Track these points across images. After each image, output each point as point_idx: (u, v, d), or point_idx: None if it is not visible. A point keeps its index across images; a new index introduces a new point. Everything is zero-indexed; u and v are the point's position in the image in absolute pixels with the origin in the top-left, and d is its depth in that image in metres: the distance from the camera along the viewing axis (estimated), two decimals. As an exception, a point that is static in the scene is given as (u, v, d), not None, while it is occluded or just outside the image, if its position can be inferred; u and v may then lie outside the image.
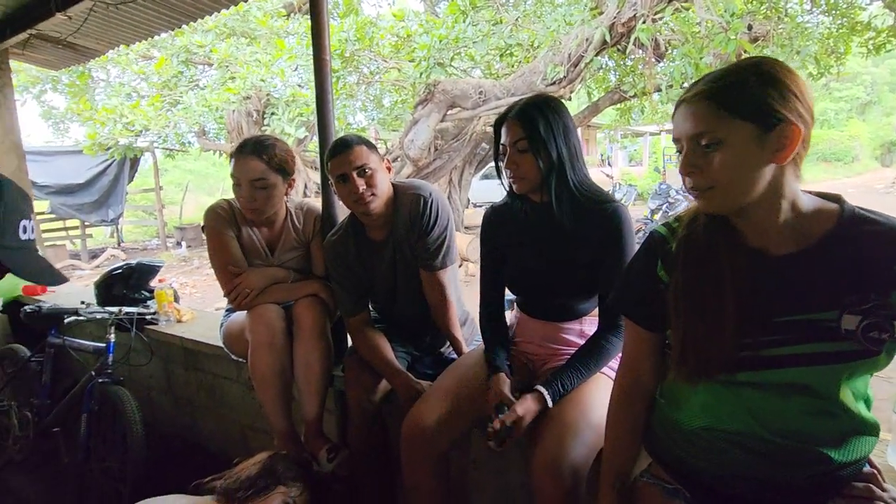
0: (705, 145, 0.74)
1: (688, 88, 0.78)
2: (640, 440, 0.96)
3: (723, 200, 0.76)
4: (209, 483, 1.23)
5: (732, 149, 0.72)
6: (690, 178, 0.77)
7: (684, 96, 0.77)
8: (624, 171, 17.76)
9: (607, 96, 7.60)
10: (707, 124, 0.73)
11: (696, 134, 0.74)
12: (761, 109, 0.71)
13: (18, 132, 3.10)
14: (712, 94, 0.73)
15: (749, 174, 0.73)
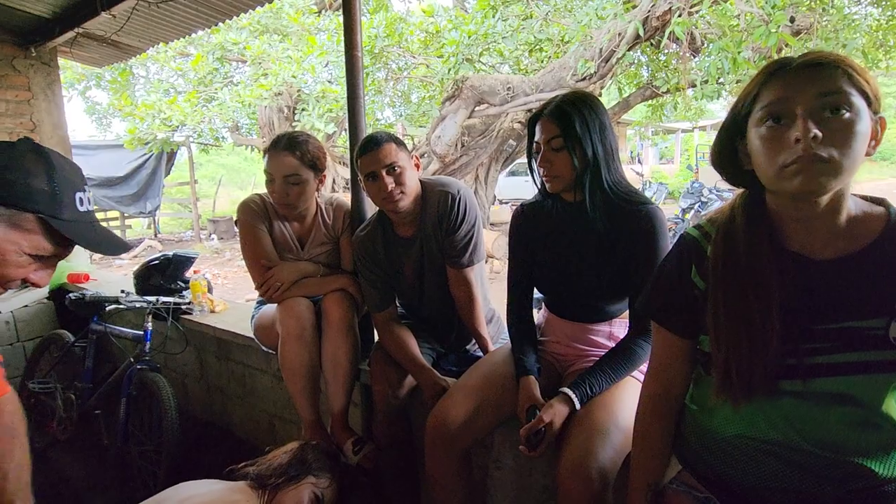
0: (834, 109, 0.66)
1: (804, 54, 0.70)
2: (671, 447, 0.94)
3: (837, 176, 0.67)
4: (242, 469, 1.27)
5: (861, 120, 0.66)
6: (815, 141, 0.65)
7: (801, 59, 0.69)
8: (654, 168, 17.35)
9: (639, 92, 7.42)
10: (841, 85, 0.67)
11: (828, 92, 0.66)
12: (873, 93, 0.68)
13: (66, 127, 3.24)
14: (841, 63, 0.67)
15: (861, 155, 0.68)
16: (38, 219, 0.79)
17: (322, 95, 6.11)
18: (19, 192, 0.78)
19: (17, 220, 0.79)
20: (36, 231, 0.80)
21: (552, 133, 1.13)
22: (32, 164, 0.80)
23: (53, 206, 0.80)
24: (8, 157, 0.78)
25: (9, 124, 3.00)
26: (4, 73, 2.96)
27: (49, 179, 0.80)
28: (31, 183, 0.79)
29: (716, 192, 7.72)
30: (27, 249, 0.80)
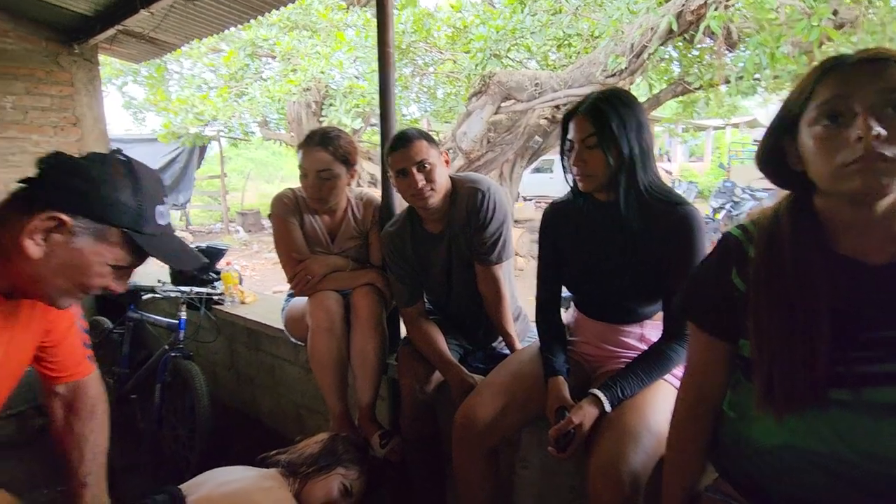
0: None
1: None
2: (706, 453, 0.92)
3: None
4: (274, 456, 1.30)
5: None
6: (878, 139, 0.62)
7: (861, 55, 0.66)
8: (683, 166, 16.95)
9: (669, 88, 7.24)
10: None
11: (891, 88, 0.64)
12: None
13: (105, 121, 3.36)
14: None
15: None
16: (122, 233, 0.82)
17: (349, 91, 6.16)
18: (108, 207, 0.80)
19: (104, 233, 0.81)
20: (119, 244, 0.83)
21: (587, 131, 1.11)
22: (121, 179, 0.82)
23: (137, 221, 0.82)
24: (101, 170, 0.81)
25: (53, 118, 3.12)
26: (50, 70, 3.08)
27: (134, 194, 0.82)
28: (119, 198, 0.81)
29: (748, 191, 7.50)
30: (109, 261, 0.83)
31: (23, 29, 2.95)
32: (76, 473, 1.06)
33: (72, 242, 0.79)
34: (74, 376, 1.07)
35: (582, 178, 1.15)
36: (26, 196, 0.79)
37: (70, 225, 0.78)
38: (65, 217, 0.77)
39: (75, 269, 0.81)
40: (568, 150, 1.17)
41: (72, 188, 0.78)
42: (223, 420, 2.51)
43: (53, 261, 0.79)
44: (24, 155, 3.05)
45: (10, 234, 0.77)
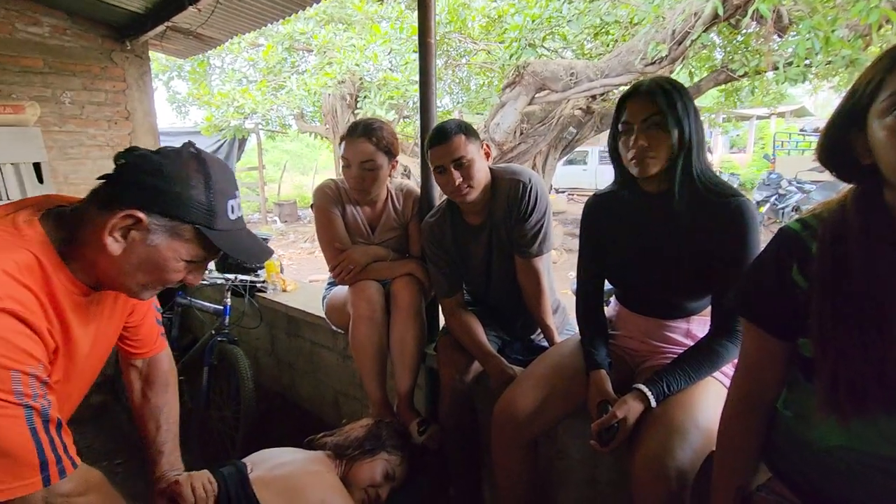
0: None
1: None
2: (759, 453, 0.89)
3: None
4: (321, 439, 1.34)
5: None
6: None
7: None
8: (724, 158, 16.30)
9: (711, 76, 6.95)
10: None
11: None
12: None
13: (155, 115, 3.50)
14: None
15: None
16: (195, 229, 0.83)
17: (383, 83, 6.20)
18: (181, 204, 0.81)
19: (178, 230, 0.83)
20: (192, 240, 0.84)
21: (651, 110, 1.07)
22: (194, 175, 0.83)
23: (209, 218, 0.84)
24: (174, 167, 0.82)
25: (107, 112, 3.28)
26: (104, 66, 3.23)
27: (207, 190, 0.83)
28: (192, 195, 0.82)
29: (795, 183, 7.16)
30: (184, 256, 0.85)
31: (80, 27, 3.11)
32: (153, 441, 1.14)
33: (148, 239, 0.81)
34: (151, 352, 1.15)
35: (640, 161, 1.10)
36: (106, 193, 0.81)
37: (146, 222, 0.80)
38: (141, 215, 0.79)
39: (153, 265, 0.83)
40: (623, 133, 1.13)
41: (147, 186, 0.80)
42: (265, 403, 2.61)
43: (132, 257, 0.81)
44: (82, 148, 3.22)
45: (93, 231, 0.80)
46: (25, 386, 0.71)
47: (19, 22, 2.89)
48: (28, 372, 0.72)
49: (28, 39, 2.93)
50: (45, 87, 3.02)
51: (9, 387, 0.70)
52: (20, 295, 0.74)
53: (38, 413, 0.73)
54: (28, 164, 2.69)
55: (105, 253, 0.79)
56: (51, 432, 0.74)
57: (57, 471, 0.74)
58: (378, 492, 1.23)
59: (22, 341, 0.72)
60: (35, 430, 0.72)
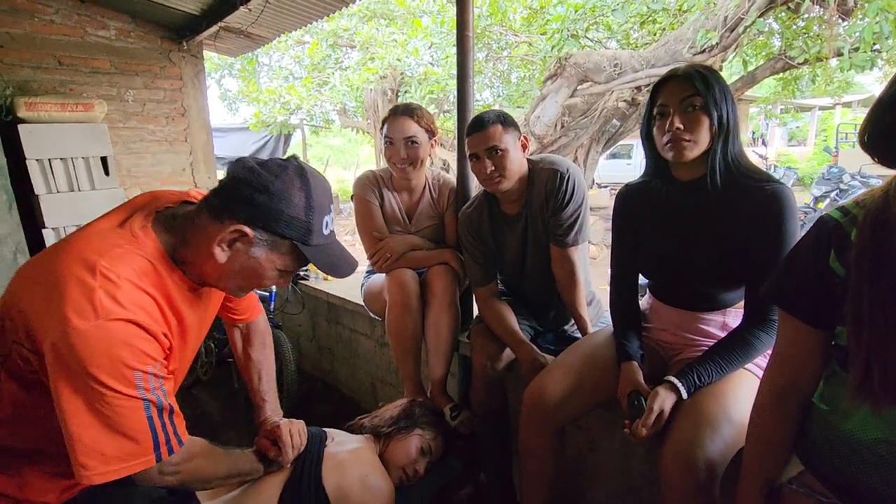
0: None
1: None
2: (791, 445, 0.88)
3: None
4: (358, 422, 1.41)
5: None
6: None
7: None
8: (780, 151, 15.41)
9: (768, 64, 6.59)
10: None
11: None
12: None
13: (208, 112, 3.70)
14: None
15: None
16: (292, 244, 0.91)
17: (424, 78, 6.26)
18: (283, 222, 0.88)
19: (277, 245, 0.90)
20: (288, 254, 0.92)
21: (689, 92, 1.06)
22: (297, 194, 0.89)
23: (305, 235, 0.91)
24: (280, 184, 0.87)
25: (166, 109, 3.50)
26: (163, 65, 3.44)
27: (306, 210, 0.89)
28: (293, 214, 0.88)
29: (860, 177, 6.70)
30: (279, 267, 0.93)
31: (142, 29, 3.32)
32: (258, 391, 1.31)
33: (250, 251, 0.90)
34: (251, 317, 1.31)
35: (676, 146, 1.08)
36: (218, 204, 0.89)
37: (251, 237, 0.88)
38: (247, 230, 0.87)
39: (251, 273, 0.92)
40: (658, 116, 1.12)
41: (254, 203, 0.86)
42: (306, 385, 2.73)
43: (235, 265, 0.91)
44: (142, 143, 3.45)
45: (204, 240, 0.89)
46: (145, 382, 0.83)
47: (89, 26, 3.13)
48: (147, 371, 0.83)
49: (97, 42, 3.16)
50: (111, 87, 3.25)
51: (132, 382, 0.82)
52: (143, 302, 0.84)
53: (154, 404, 0.85)
54: (96, 158, 2.92)
55: (212, 259, 0.89)
56: (164, 418, 0.87)
57: (167, 449, 0.87)
58: (415, 467, 1.29)
59: (143, 345, 0.83)
60: (151, 418, 0.84)
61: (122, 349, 0.80)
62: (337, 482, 1.14)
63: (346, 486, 1.14)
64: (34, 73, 2.96)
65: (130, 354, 0.81)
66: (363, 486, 1.15)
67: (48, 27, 2.99)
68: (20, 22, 2.89)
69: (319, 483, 1.13)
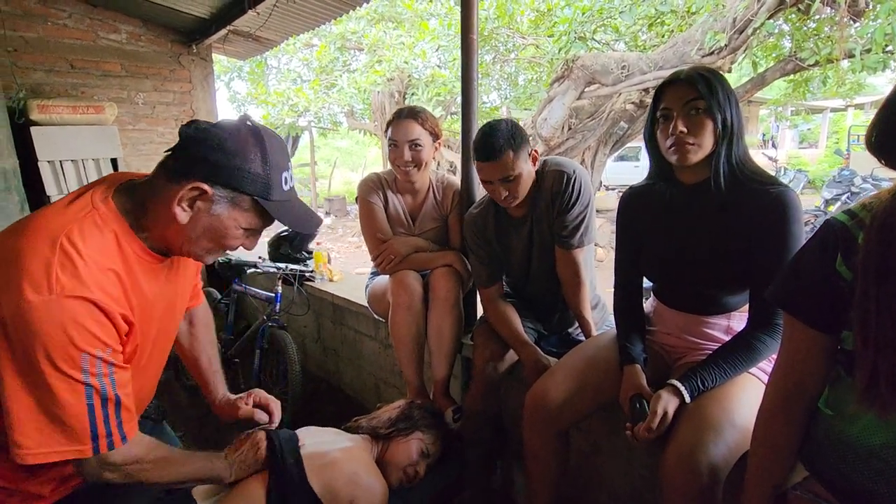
0: None
1: None
2: (797, 450, 0.87)
3: None
4: (355, 422, 1.40)
5: None
6: None
7: None
8: (791, 153, 15.27)
9: (778, 66, 6.53)
10: None
11: None
12: None
13: (217, 114, 3.74)
14: None
15: None
16: (253, 200, 0.90)
17: (431, 80, 6.28)
18: (241, 177, 0.88)
19: (237, 201, 0.90)
20: (250, 210, 0.91)
21: (692, 95, 1.05)
22: (252, 149, 0.89)
23: (265, 190, 0.90)
24: (234, 142, 0.88)
25: (175, 112, 3.54)
26: (173, 69, 3.48)
27: (263, 164, 0.89)
28: (251, 168, 0.88)
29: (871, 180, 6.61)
30: (243, 224, 0.92)
31: (153, 33, 3.37)
32: (206, 370, 1.32)
33: (212, 209, 0.89)
34: (196, 303, 1.31)
35: (680, 149, 1.07)
36: (173, 167, 0.88)
37: (210, 194, 0.87)
38: (206, 187, 0.86)
39: (215, 232, 0.91)
40: (661, 120, 1.11)
41: (211, 161, 0.86)
42: (311, 386, 2.74)
43: (198, 225, 0.90)
44: (152, 145, 3.49)
45: (163, 202, 0.88)
46: (91, 366, 0.80)
47: (101, 30, 3.17)
48: (96, 355, 0.81)
49: (108, 46, 3.21)
50: (121, 90, 3.29)
51: (78, 365, 0.79)
52: (103, 280, 0.82)
53: (98, 392, 0.82)
54: (106, 160, 2.96)
55: (174, 222, 0.88)
56: (107, 409, 0.84)
57: (106, 443, 0.84)
58: (416, 469, 1.28)
59: (95, 328, 0.80)
60: (92, 406, 0.81)
61: (72, 328, 0.77)
62: (325, 480, 1.13)
63: (334, 484, 1.12)
64: (47, 77, 3.00)
65: (80, 335, 0.78)
66: (353, 484, 1.13)
67: (61, 31, 3.03)
68: (34, 26, 2.94)
69: (305, 481, 1.12)
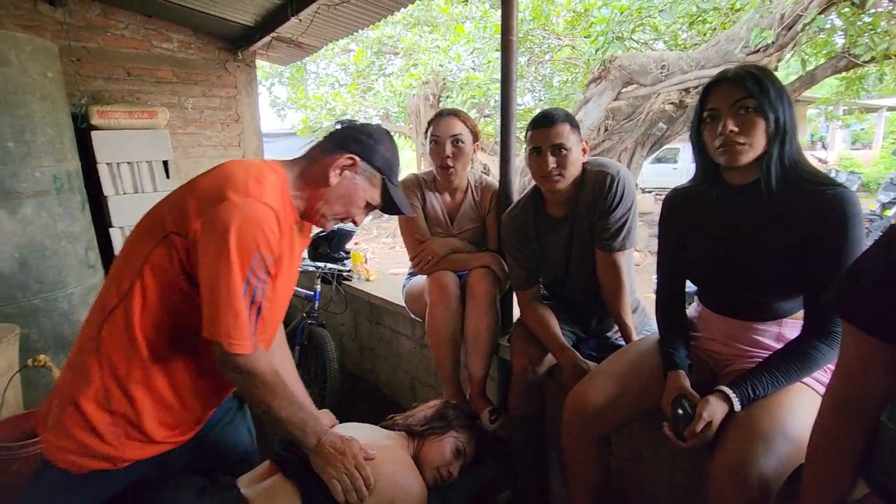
0: None
1: None
2: (857, 469, 0.82)
3: None
4: (390, 419, 1.42)
5: None
6: None
7: None
8: (843, 155, 14.48)
9: (829, 63, 6.21)
10: None
11: None
12: None
13: (259, 118, 3.87)
14: None
15: None
16: (382, 179, 1.13)
17: (466, 82, 6.30)
18: (381, 159, 1.12)
19: (373, 177, 1.12)
20: (378, 188, 1.13)
21: (742, 94, 1.02)
22: (388, 144, 1.15)
23: (391, 174, 1.14)
24: (378, 134, 1.14)
25: (221, 116, 3.68)
26: (220, 75, 3.63)
27: (392, 155, 1.15)
28: (387, 155, 1.13)
29: (932, 184, 6.21)
30: (368, 199, 1.13)
31: (201, 41, 3.52)
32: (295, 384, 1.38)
33: (354, 179, 1.10)
34: None
35: (730, 149, 1.04)
36: (332, 142, 1.11)
37: (359, 166, 1.09)
38: (357, 159, 1.08)
39: (349, 200, 1.11)
40: (709, 121, 1.08)
41: (362, 141, 1.10)
42: (348, 383, 2.80)
43: (340, 190, 1.09)
44: (200, 147, 3.64)
45: (321, 166, 1.08)
46: (257, 266, 0.94)
47: (155, 39, 3.34)
48: (264, 258, 0.94)
49: (161, 54, 3.38)
50: (172, 95, 3.46)
51: (248, 260, 0.92)
52: (279, 202, 1.00)
53: (250, 293, 0.94)
54: (158, 162, 3.11)
55: (324, 183, 1.07)
56: (251, 311, 0.95)
57: (238, 344, 0.94)
58: (449, 469, 1.28)
59: (270, 233, 0.95)
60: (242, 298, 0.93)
61: (256, 228, 0.92)
62: None
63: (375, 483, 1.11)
64: (106, 84, 3.19)
65: (260, 235, 0.93)
66: (393, 484, 1.14)
67: (118, 41, 3.22)
68: (95, 37, 3.13)
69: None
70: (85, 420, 0.96)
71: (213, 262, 0.91)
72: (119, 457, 0.98)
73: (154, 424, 1.01)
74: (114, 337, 0.97)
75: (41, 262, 2.29)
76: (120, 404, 0.97)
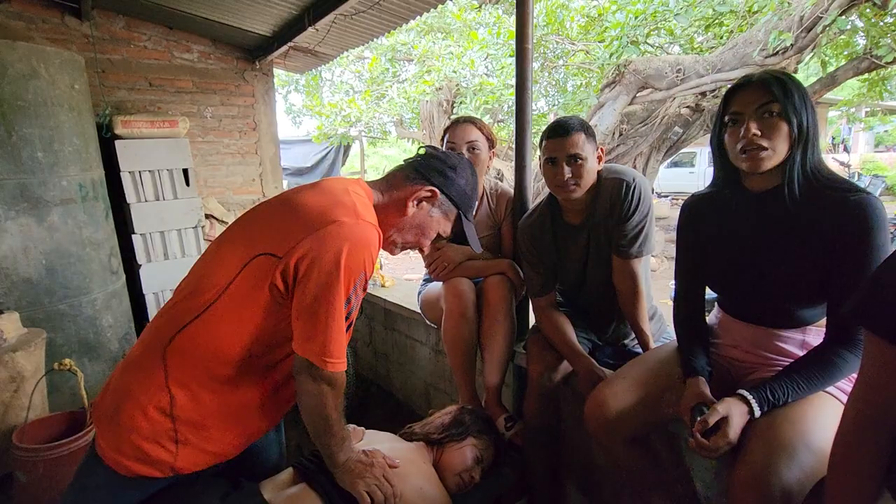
0: None
1: None
2: (881, 481, 0.81)
3: None
4: (409, 429, 1.42)
5: None
6: None
7: None
8: (865, 158, 14.15)
9: (850, 65, 6.09)
10: None
11: None
12: None
13: (276, 126, 3.94)
14: None
15: None
16: (458, 214, 1.12)
17: (479, 88, 6.32)
18: (460, 194, 1.11)
19: (449, 212, 1.12)
20: (451, 221, 1.13)
21: (767, 98, 1.01)
22: (470, 178, 1.13)
23: (468, 209, 1.14)
24: (461, 168, 1.13)
25: (239, 124, 3.75)
26: (238, 84, 3.70)
27: (473, 191, 1.13)
28: (466, 190, 1.12)
29: (962, 187, 6.03)
30: (440, 230, 1.13)
31: (221, 52, 3.60)
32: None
33: (431, 211, 1.09)
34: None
35: (753, 155, 1.03)
36: (415, 171, 1.09)
37: (438, 198, 1.08)
38: (437, 192, 1.08)
39: (422, 230, 1.10)
40: (731, 125, 1.07)
41: (444, 173, 1.09)
42: (362, 389, 2.81)
43: (415, 220, 1.09)
44: (218, 155, 3.72)
45: (401, 194, 1.08)
46: (360, 284, 0.95)
47: (176, 50, 3.43)
48: (366, 275, 0.95)
49: (182, 65, 3.46)
50: (192, 105, 3.54)
51: (353, 281, 0.93)
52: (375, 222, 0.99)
53: (349, 308, 0.94)
54: (178, 170, 3.18)
55: (401, 212, 1.07)
56: (346, 326, 0.95)
57: (329, 362, 0.94)
58: (471, 474, 1.28)
59: (372, 255, 0.96)
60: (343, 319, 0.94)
61: (364, 249, 0.93)
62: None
63: (403, 497, 1.11)
64: (129, 94, 3.28)
65: (368, 255, 0.93)
66: (420, 497, 1.14)
67: (141, 52, 3.30)
68: (119, 49, 3.22)
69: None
70: (146, 421, 0.94)
71: (321, 280, 0.90)
72: (172, 464, 0.97)
73: (217, 434, 1.00)
74: (189, 347, 0.96)
75: (67, 268, 2.35)
76: (184, 410, 0.96)
